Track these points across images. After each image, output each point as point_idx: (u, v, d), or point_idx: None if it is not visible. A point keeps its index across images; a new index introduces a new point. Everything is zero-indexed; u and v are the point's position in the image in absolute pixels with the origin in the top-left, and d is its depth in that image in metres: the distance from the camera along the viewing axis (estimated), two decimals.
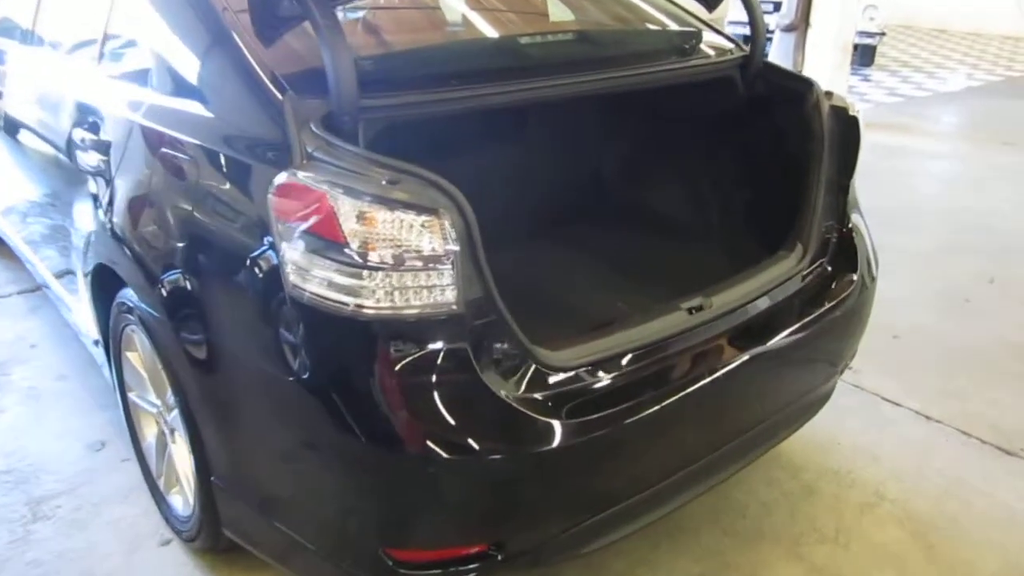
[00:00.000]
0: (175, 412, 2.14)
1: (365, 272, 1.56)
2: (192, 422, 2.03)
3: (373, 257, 1.55)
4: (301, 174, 1.65)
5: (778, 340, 2.12)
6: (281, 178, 1.67)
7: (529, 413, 1.69)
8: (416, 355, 1.61)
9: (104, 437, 2.85)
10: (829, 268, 2.32)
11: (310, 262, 1.60)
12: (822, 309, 2.22)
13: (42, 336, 3.50)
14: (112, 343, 2.43)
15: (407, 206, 1.57)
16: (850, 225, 2.39)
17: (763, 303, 2.17)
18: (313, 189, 1.61)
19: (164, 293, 1.99)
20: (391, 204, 1.56)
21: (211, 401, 1.96)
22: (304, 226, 1.61)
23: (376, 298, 1.56)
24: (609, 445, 1.79)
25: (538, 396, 1.73)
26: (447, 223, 1.59)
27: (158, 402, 2.32)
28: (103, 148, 2.26)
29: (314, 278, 1.60)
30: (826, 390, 2.49)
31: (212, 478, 2.04)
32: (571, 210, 2.97)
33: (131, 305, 2.18)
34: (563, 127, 2.87)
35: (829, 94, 2.42)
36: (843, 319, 2.27)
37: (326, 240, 1.58)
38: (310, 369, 1.65)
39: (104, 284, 2.37)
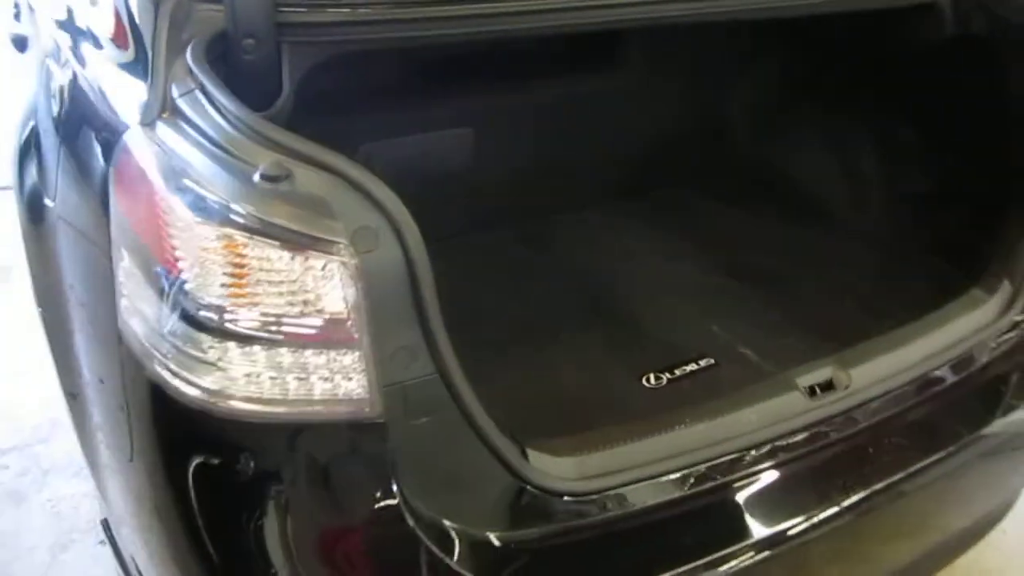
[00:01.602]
0: None
1: (205, 337, 0.87)
2: None
3: (216, 309, 0.87)
4: (142, 140, 0.97)
5: (962, 447, 1.31)
6: (122, 143, 1.00)
7: None
8: (290, 487, 0.93)
9: None
10: None
11: (137, 297, 0.94)
12: None
13: None
14: None
15: (278, 232, 0.86)
16: None
17: (940, 378, 1.35)
18: (145, 173, 0.93)
19: None
20: (252, 221, 0.86)
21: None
22: (136, 238, 0.95)
23: (224, 382, 0.88)
24: None
25: (527, 546, 1.03)
26: (358, 262, 0.87)
27: None
28: None
29: (141, 321, 0.94)
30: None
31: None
32: (657, 172, 2.16)
33: None
34: (649, 61, 2.03)
35: None
36: None
37: (155, 269, 0.91)
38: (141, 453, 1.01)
39: None
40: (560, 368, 1.57)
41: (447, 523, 0.98)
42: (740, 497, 1.16)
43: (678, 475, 1.13)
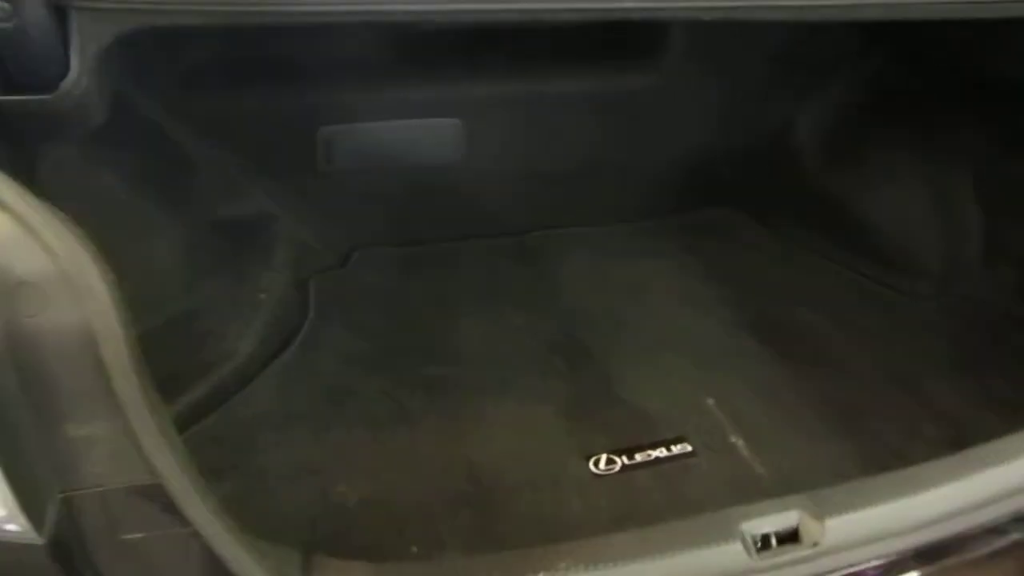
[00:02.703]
0: None
1: None
2: None
3: None
4: None
5: None
6: None
7: None
8: None
9: None
10: None
11: None
12: None
13: None
14: None
15: None
16: None
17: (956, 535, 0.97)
18: None
19: None
20: None
21: None
22: None
23: None
24: None
25: None
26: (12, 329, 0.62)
27: None
28: None
29: None
30: None
31: None
32: (699, 190, 1.80)
33: None
34: (694, 59, 1.63)
35: None
36: None
37: None
38: None
39: None
40: (488, 431, 1.27)
41: None
42: None
43: None
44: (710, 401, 1.34)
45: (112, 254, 1.27)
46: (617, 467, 1.22)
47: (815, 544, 0.89)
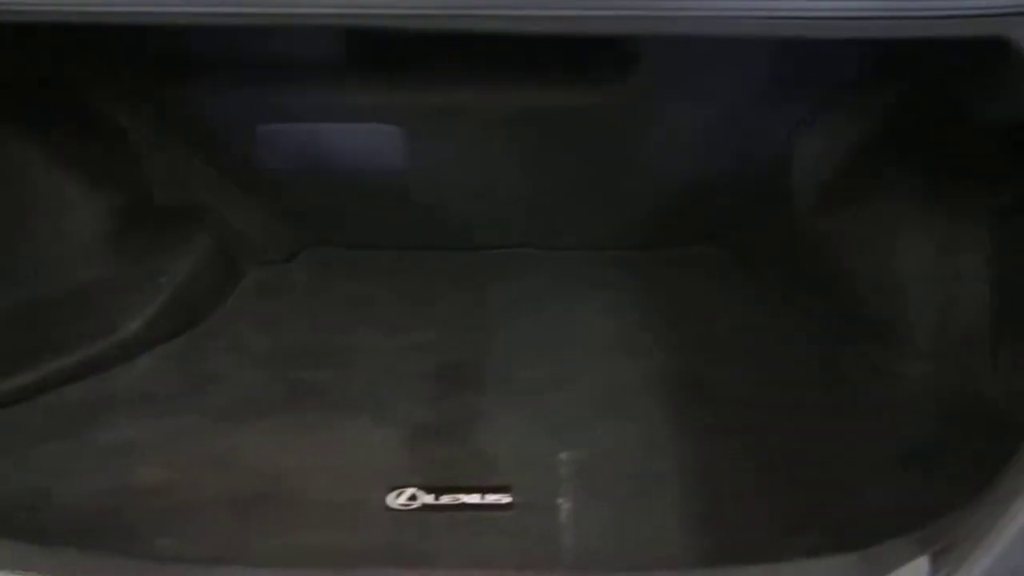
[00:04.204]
0: None
1: None
2: None
3: None
4: None
5: None
6: None
7: None
8: None
9: None
10: None
11: None
12: None
13: None
14: None
15: None
16: None
17: None
18: None
19: None
20: None
21: None
22: None
23: None
24: None
25: None
26: None
27: None
28: None
29: None
30: None
31: None
32: (674, 224, 1.61)
33: None
34: (674, 76, 1.43)
35: None
36: None
37: None
38: None
39: None
40: (321, 443, 1.23)
41: None
42: None
43: None
44: (563, 455, 1.19)
45: (16, 222, 1.40)
46: (415, 504, 1.13)
47: None
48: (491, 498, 1.13)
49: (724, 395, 1.30)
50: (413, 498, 1.14)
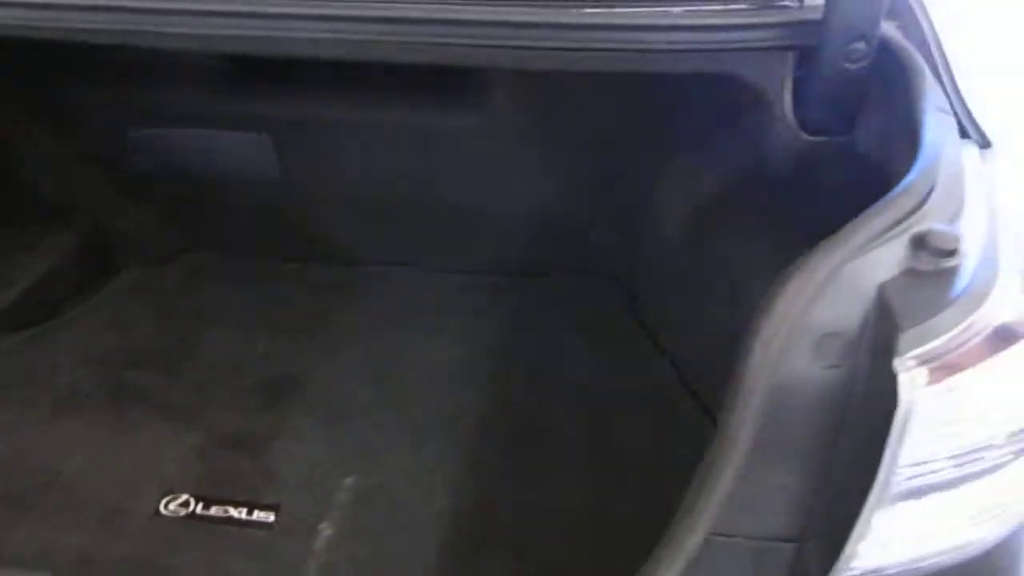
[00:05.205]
0: None
1: None
2: None
3: None
4: None
5: None
6: None
7: None
8: None
9: None
10: None
11: None
12: None
13: None
14: None
15: None
16: None
17: None
18: None
19: None
20: None
21: None
22: None
23: None
24: None
25: None
26: None
27: None
28: None
29: None
30: None
31: None
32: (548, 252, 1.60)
33: None
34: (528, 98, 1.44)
35: None
36: None
37: None
38: None
39: None
40: (109, 443, 1.25)
41: None
42: None
43: None
44: (348, 480, 1.19)
45: None
46: (183, 512, 1.14)
47: None
48: (258, 515, 1.15)
49: (543, 434, 1.28)
50: (186, 504, 1.15)
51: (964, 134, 0.89)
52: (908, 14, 0.93)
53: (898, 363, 0.60)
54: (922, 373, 0.60)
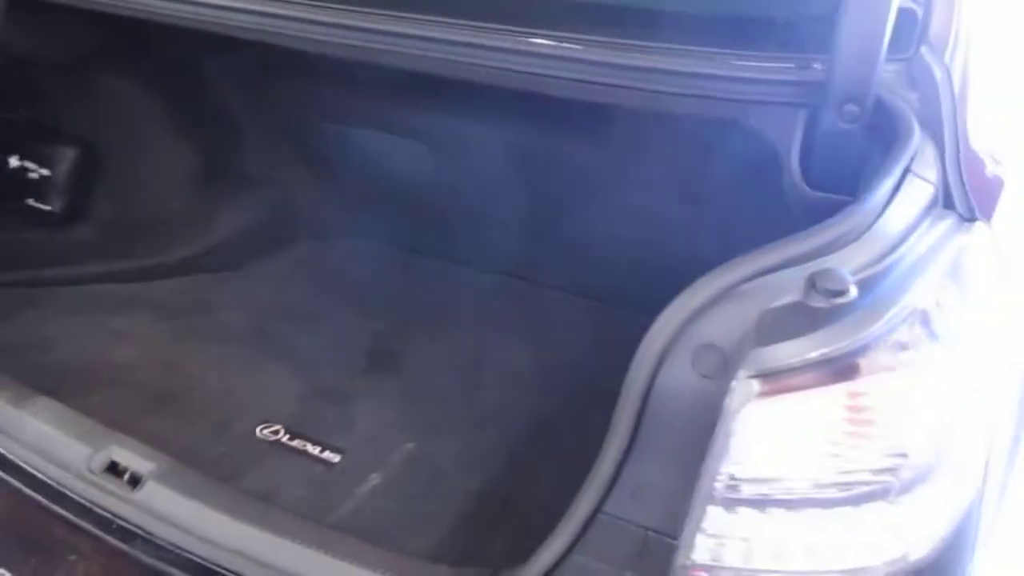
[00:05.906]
0: None
1: None
2: None
3: None
4: None
5: None
6: None
7: None
8: None
9: None
10: None
11: None
12: None
13: None
14: None
15: None
16: None
17: None
18: None
19: None
20: None
21: None
22: None
23: None
24: None
25: None
26: None
27: None
28: None
29: None
30: None
31: None
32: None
33: None
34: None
35: None
36: None
37: None
38: None
39: None
40: (226, 371, 1.53)
41: None
42: None
43: None
44: (408, 446, 1.38)
45: (128, 157, 1.84)
46: (273, 438, 1.39)
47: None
48: (326, 454, 1.36)
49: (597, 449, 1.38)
50: (276, 432, 1.40)
51: (949, 204, 0.91)
52: (929, 84, 0.97)
53: (740, 374, 0.67)
54: (753, 385, 0.66)
